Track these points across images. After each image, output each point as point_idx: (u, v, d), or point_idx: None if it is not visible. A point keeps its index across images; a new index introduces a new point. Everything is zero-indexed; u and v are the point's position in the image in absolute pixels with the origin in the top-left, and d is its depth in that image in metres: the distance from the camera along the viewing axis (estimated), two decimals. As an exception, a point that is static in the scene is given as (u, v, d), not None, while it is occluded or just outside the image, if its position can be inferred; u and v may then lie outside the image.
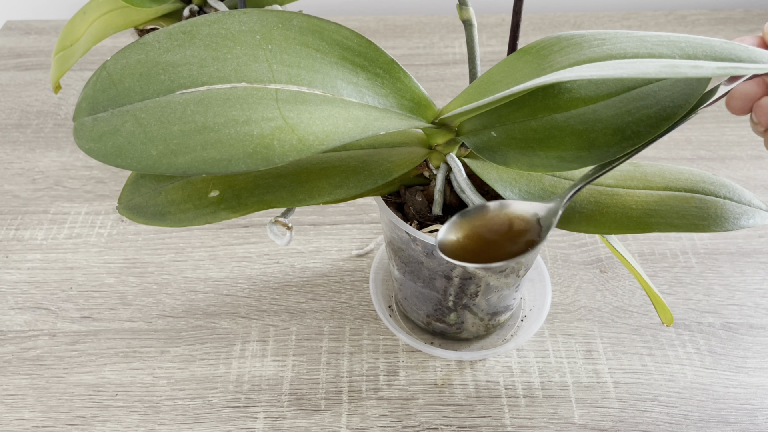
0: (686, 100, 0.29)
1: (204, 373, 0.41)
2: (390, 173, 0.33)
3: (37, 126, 0.62)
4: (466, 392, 0.40)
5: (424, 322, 0.42)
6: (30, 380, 0.41)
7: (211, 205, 0.32)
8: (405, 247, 0.35)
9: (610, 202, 0.32)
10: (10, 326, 0.44)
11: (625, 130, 0.29)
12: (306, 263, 0.48)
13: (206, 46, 0.28)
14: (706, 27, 0.73)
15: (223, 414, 0.39)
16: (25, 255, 0.49)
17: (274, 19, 0.29)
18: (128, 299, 0.46)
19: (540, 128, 0.31)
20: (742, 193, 0.33)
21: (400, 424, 0.39)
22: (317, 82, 0.29)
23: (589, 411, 0.39)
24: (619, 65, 0.26)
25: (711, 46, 0.26)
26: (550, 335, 0.43)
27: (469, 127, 0.33)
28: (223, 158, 0.26)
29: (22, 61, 0.70)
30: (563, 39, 0.30)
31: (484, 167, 0.34)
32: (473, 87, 0.32)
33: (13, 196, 0.54)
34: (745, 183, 0.54)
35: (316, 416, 0.39)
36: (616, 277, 0.47)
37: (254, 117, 0.27)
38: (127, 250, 0.49)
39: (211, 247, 0.49)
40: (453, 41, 0.72)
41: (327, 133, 0.27)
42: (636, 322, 0.44)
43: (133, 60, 0.27)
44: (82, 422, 0.39)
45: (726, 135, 0.59)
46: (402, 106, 0.32)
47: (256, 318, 0.44)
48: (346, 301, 0.45)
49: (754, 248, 0.49)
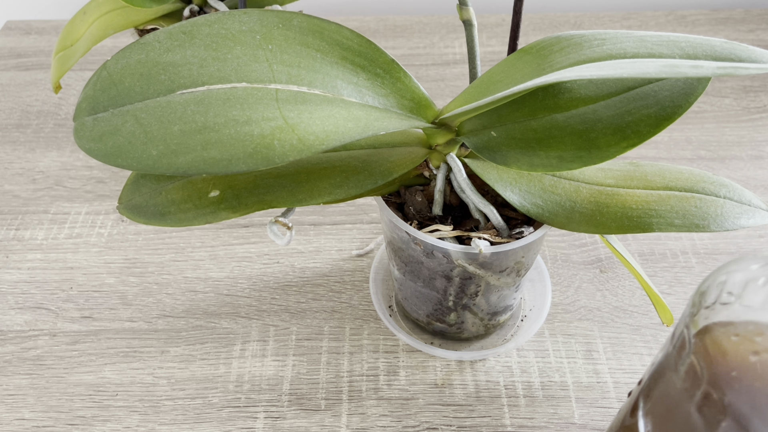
0: (686, 99, 0.29)
1: (204, 373, 0.41)
2: (390, 173, 0.33)
3: (38, 126, 0.62)
4: (466, 392, 0.40)
5: (424, 322, 0.42)
6: (30, 380, 0.41)
7: (211, 205, 0.32)
8: (405, 247, 0.35)
9: (610, 202, 0.32)
10: (11, 326, 0.44)
11: (625, 130, 0.29)
12: (306, 263, 0.48)
13: (206, 46, 0.28)
14: (706, 27, 0.73)
15: (223, 414, 0.39)
16: (26, 255, 0.49)
17: (274, 19, 0.29)
18: (128, 299, 0.46)
19: (540, 128, 0.31)
20: (742, 192, 0.33)
21: (400, 424, 0.39)
22: (317, 82, 0.29)
23: (589, 411, 0.39)
24: (619, 65, 0.26)
25: (711, 46, 0.26)
26: (550, 335, 0.43)
27: (469, 127, 0.33)
28: (224, 158, 0.26)
29: (22, 61, 0.70)
30: (563, 39, 0.30)
31: (484, 167, 0.34)
32: (473, 87, 0.32)
33: (13, 196, 0.54)
34: (745, 183, 0.54)
35: (316, 416, 0.39)
36: (616, 277, 0.47)
37: (254, 117, 0.27)
38: (127, 250, 0.49)
39: (211, 247, 0.49)
40: (453, 41, 0.72)
41: (327, 133, 0.27)
42: (636, 322, 0.44)
43: (134, 60, 0.27)
44: (83, 422, 0.39)
45: (726, 135, 0.59)
46: (402, 106, 0.32)
47: (256, 318, 0.45)
48: (346, 301, 0.46)
49: (754, 248, 0.49)
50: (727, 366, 0.24)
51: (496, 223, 0.34)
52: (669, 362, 0.28)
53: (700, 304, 0.26)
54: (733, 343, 0.24)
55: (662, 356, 0.29)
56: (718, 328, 0.25)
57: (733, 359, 0.24)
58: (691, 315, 0.26)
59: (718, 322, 0.25)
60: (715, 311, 0.25)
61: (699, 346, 0.25)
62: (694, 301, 0.26)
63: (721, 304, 0.25)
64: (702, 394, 0.25)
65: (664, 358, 0.29)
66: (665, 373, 0.28)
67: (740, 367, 0.24)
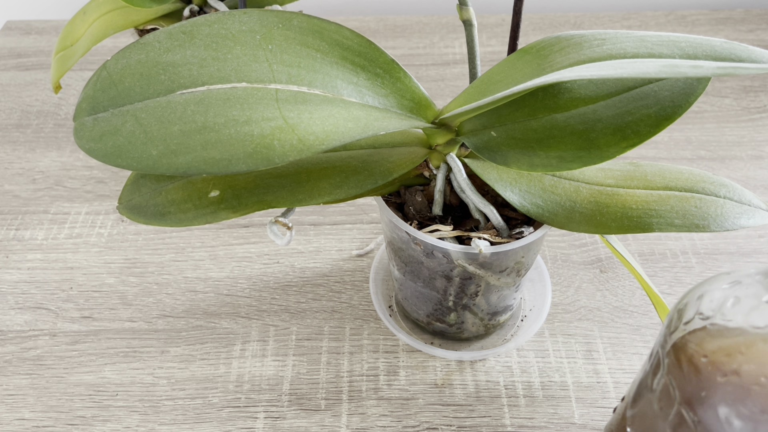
0: (686, 99, 0.29)
1: (204, 373, 0.41)
2: (390, 173, 0.33)
3: (38, 126, 0.62)
4: (466, 392, 0.40)
5: (424, 322, 0.42)
6: (30, 380, 0.41)
7: (211, 205, 0.32)
8: (405, 247, 0.35)
9: (610, 202, 0.32)
10: (11, 326, 0.44)
11: (625, 130, 0.29)
12: (306, 263, 0.48)
13: (206, 46, 0.28)
14: (706, 27, 0.73)
15: (223, 414, 0.39)
16: (26, 255, 0.49)
17: (274, 19, 0.29)
18: (128, 299, 0.46)
19: (540, 128, 0.31)
20: (742, 192, 0.33)
21: (400, 424, 0.39)
22: (317, 82, 0.29)
23: (589, 411, 0.39)
24: (619, 65, 0.26)
25: (711, 46, 0.26)
26: (550, 335, 0.43)
27: (469, 127, 0.33)
28: (224, 158, 0.26)
29: (22, 61, 0.70)
30: (563, 39, 0.30)
31: (484, 167, 0.34)
32: (473, 87, 0.32)
33: (13, 196, 0.54)
34: (745, 183, 0.54)
35: (316, 416, 0.39)
36: (616, 277, 0.47)
37: (254, 117, 0.27)
38: (127, 250, 0.49)
39: (211, 247, 0.49)
40: (453, 41, 0.72)
41: (327, 133, 0.27)
42: (636, 322, 0.44)
43: (134, 60, 0.27)
44: (83, 422, 0.39)
45: (726, 135, 0.59)
46: (402, 106, 0.32)
47: (256, 318, 0.45)
48: (346, 301, 0.46)
49: (754, 248, 0.49)
50: (698, 385, 0.24)
51: (496, 223, 0.34)
52: (646, 381, 0.28)
53: (678, 322, 0.26)
54: (704, 363, 0.24)
55: (641, 375, 0.29)
56: (690, 347, 0.25)
57: (704, 379, 0.24)
58: (668, 333, 0.26)
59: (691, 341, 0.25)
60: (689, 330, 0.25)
61: (672, 365, 0.25)
62: (671, 320, 0.26)
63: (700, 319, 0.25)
64: (675, 414, 0.25)
65: (642, 377, 0.29)
66: (643, 392, 0.28)
67: (709, 387, 0.24)
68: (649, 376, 0.28)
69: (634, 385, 0.30)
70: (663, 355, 0.26)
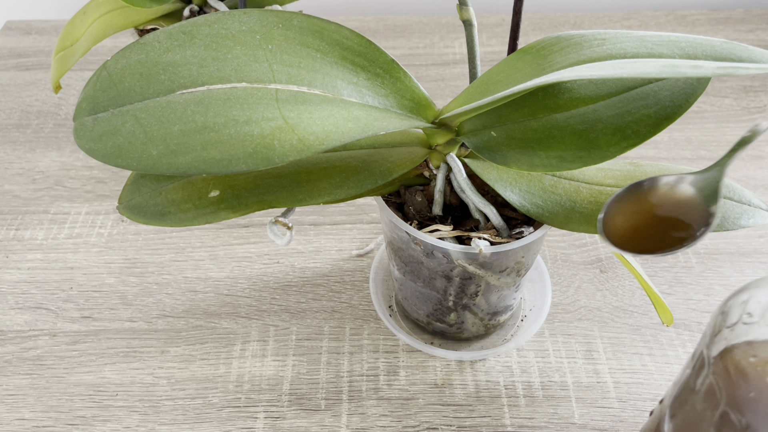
0: (686, 99, 0.29)
1: (204, 373, 0.41)
2: (390, 173, 0.33)
3: (37, 126, 0.62)
4: (466, 392, 0.40)
5: (424, 322, 0.42)
6: (30, 380, 0.41)
7: (211, 205, 0.32)
8: (405, 247, 0.35)
9: (610, 202, 0.32)
10: (11, 326, 0.44)
11: (625, 130, 0.29)
12: (306, 263, 0.48)
13: (206, 46, 0.28)
14: (706, 27, 0.73)
15: (223, 414, 0.39)
16: (26, 255, 0.49)
17: (274, 19, 0.29)
18: (128, 299, 0.46)
19: (540, 128, 0.31)
20: (742, 192, 0.33)
21: (400, 424, 0.39)
22: (317, 82, 0.29)
23: (589, 411, 0.39)
24: (619, 65, 0.26)
25: (711, 46, 0.26)
26: (550, 335, 0.43)
27: (469, 127, 0.33)
28: (224, 158, 0.26)
29: (22, 61, 0.70)
30: (563, 39, 0.30)
31: (484, 167, 0.34)
32: (473, 87, 0.32)
33: (13, 196, 0.54)
34: (745, 183, 0.54)
35: (316, 416, 0.39)
36: (616, 277, 0.47)
37: (254, 117, 0.27)
38: (127, 250, 0.49)
39: (211, 247, 0.49)
40: (453, 41, 0.72)
41: (327, 133, 0.27)
42: (636, 322, 0.44)
43: (134, 60, 0.27)
44: (83, 422, 0.39)
45: (726, 135, 0.59)
46: (402, 106, 0.32)
47: (256, 318, 0.45)
48: (346, 301, 0.46)
49: (754, 248, 0.49)
50: (747, 387, 0.24)
51: (496, 223, 0.34)
52: (689, 383, 0.28)
53: (722, 324, 0.26)
54: (752, 364, 0.24)
55: (683, 377, 0.29)
56: (738, 349, 0.25)
57: (752, 380, 0.24)
58: (712, 335, 0.26)
59: (739, 343, 0.25)
60: (736, 332, 0.25)
61: (718, 366, 0.25)
62: (715, 321, 0.26)
63: (744, 324, 0.25)
64: (720, 415, 0.25)
65: (685, 378, 0.28)
66: (685, 393, 0.28)
67: (759, 388, 0.24)
68: (692, 377, 0.28)
69: (674, 387, 0.30)
70: (708, 356, 0.26)
